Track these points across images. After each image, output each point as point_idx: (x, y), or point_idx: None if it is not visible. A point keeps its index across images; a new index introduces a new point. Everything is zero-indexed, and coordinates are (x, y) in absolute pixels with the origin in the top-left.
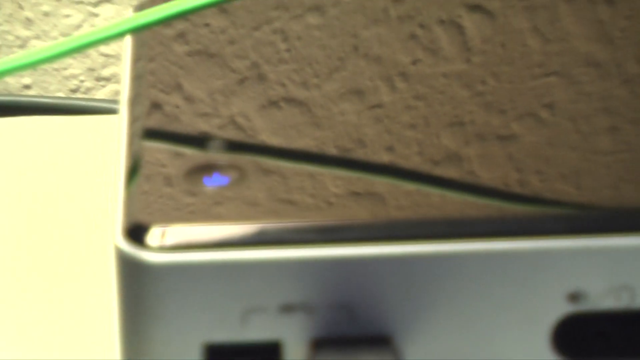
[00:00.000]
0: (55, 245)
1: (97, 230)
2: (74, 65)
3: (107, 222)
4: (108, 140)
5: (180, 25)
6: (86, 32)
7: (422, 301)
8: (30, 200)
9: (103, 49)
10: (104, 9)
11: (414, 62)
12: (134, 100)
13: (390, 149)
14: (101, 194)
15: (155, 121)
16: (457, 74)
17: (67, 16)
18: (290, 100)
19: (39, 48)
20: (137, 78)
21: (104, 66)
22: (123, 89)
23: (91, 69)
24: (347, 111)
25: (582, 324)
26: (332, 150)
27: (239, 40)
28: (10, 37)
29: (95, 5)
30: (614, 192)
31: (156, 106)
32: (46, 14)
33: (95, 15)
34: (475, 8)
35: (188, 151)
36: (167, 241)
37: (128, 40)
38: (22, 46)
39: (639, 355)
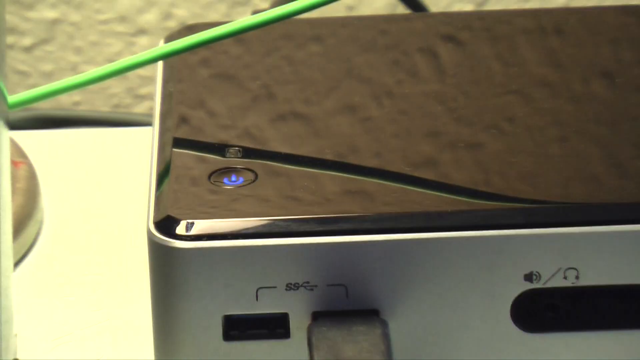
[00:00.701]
0: (100, 235)
1: (135, 222)
2: (116, 85)
3: (142, 216)
4: (143, 147)
5: (204, 53)
6: (125, 58)
7: (403, 280)
8: (82, 196)
9: (140, 71)
10: (140, 39)
11: (398, 83)
12: (165, 115)
13: (378, 154)
14: (138, 191)
15: (183, 132)
16: (433, 93)
17: (110, 45)
18: (295, 115)
19: (87, 72)
20: (168, 96)
21: (140, 86)
22: (156, 105)
23: (130, 88)
24: (342, 123)
25: (536, 299)
26: (329, 156)
27: (252, 65)
28: (64, 63)
29: (133, 35)
30: (562, 190)
31: (183, 120)
32: (93, 44)
33: (133, 44)
34: (448, 39)
35: (210, 157)
36: (192, 231)
37: (160, 65)
38: (73, 70)
39: (583, 324)
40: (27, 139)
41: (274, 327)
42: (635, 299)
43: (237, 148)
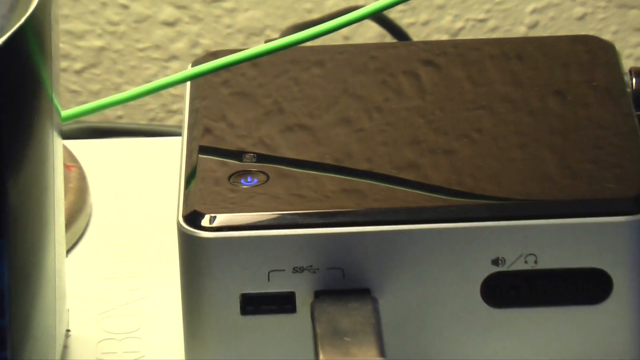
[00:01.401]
0: (138, 226)
1: (167, 216)
2: (152, 102)
3: (173, 211)
4: (174, 154)
5: (224, 74)
6: (160, 80)
7: (391, 264)
8: (123, 194)
9: (171, 90)
10: (172, 64)
11: (385, 100)
12: (192, 126)
13: (369, 159)
14: (169, 190)
15: (207, 141)
16: (415, 108)
17: (147, 68)
18: (300, 126)
19: (128, 91)
20: (194, 111)
21: (172, 102)
22: (184, 119)
23: (163, 104)
24: (339, 134)
25: (501, 280)
26: (329, 161)
27: (265, 85)
28: (108, 83)
29: (166, 61)
30: (522, 189)
31: (207, 130)
32: (133, 67)
33: (166, 67)
34: (428, 63)
35: (230, 161)
36: (215, 224)
37: (188, 85)
38: (116, 89)
39: (540, 301)
40: (78, 146)
41: (282, 303)
42: (583, 280)
43: (252, 154)
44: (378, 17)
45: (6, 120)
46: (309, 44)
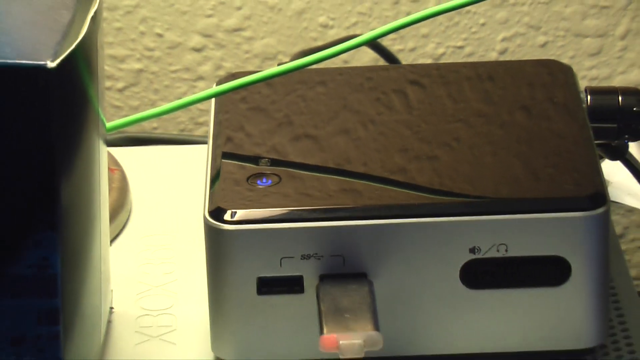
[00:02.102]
0: (171, 220)
1: (195, 211)
2: (182, 115)
3: (200, 207)
4: (201, 159)
5: (243, 92)
6: (189, 97)
7: (384, 252)
8: (158, 193)
9: (198, 105)
10: (199, 83)
11: (378, 114)
12: (216, 136)
13: (364, 164)
14: (196, 189)
15: (228, 148)
16: (403, 121)
17: (178, 87)
18: (307, 136)
19: (161, 106)
20: (218, 123)
21: (199, 116)
22: (210, 130)
23: (192, 117)
24: (340, 142)
25: (477, 266)
26: (331, 165)
27: (277, 101)
28: (146, 100)
29: (194, 81)
30: (495, 189)
31: (229, 139)
32: (166, 86)
33: (195, 86)
34: (414, 83)
35: (248, 165)
36: (235, 218)
37: (213, 101)
38: (152, 105)
39: (510, 283)
40: (120, 153)
41: (292, 285)
42: (546, 266)
43: (266, 159)
44: (372, 44)
45: (58, 131)
46: (314, 66)
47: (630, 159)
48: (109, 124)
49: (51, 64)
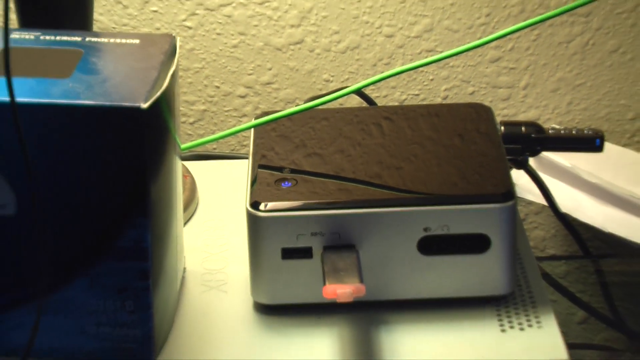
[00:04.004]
0: (225, 209)
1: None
2: (232, 140)
3: (243, 200)
4: (244, 170)
5: (272, 125)
6: (236, 127)
7: (366, 231)
8: (217, 191)
9: (243, 133)
10: (244, 119)
11: (363, 139)
12: (254, 154)
13: (354, 172)
14: (241, 189)
15: (263, 161)
16: (379, 143)
17: (230, 121)
18: (315, 154)
19: (218, 134)
20: (255, 145)
21: (243, 141)
22: (250, 149)
23: (239, 141)
24: (337, 158)
25: (428, 240)
26: (331, 173)
27: (295, 131)
28: (208, 130)
29: (240, 117)
30: (440, 189)
31: (263, 156)
32: (222, 121)
33: (240, 121)
34: (386, 118)
35: (275, 173)
36: (267, 208)
37: (252, 130)
38: (212, 133)
39: (451, 251)
40: (190, 165)
41: (305, 253)
42: (475, 240)
43: (288, 169)
44: (358, 92)
45: (149, 151)
46: (320, 107)
47: (530, 168)
48: (183, 146)
49: (144, 106)
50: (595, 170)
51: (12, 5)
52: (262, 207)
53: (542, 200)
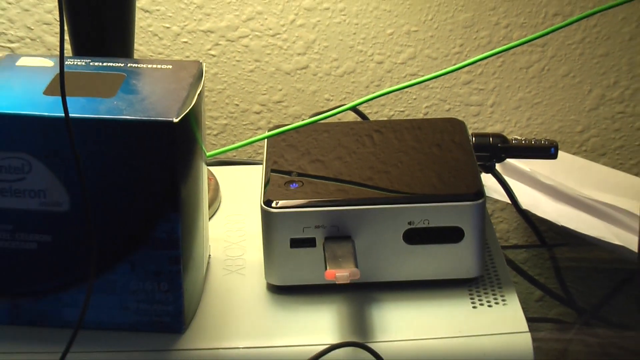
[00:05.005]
0: (244, 206)
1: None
2: (249, 148)
3: (258, 199)
4: (259, 173)
5: (282, 136)
6: (252, 138)
7: (360, 224)
8: (236, 191)
9: (258, 143)
10: (259, 131)
11: (357, 148)
12: (267, 160)
13: (350, 175)
14: (256, 189)
15: (275, 166)
16: (371, 152)
17: (247, 134)
18: (318, 160)
19: (238, 143)
20: (268, 153)
21: (259, 149)
22: (264, 157)
23: (255, 150)
24: (336, 164)
25: (412, 232)
26: (331, 176)
27: (301, 141)
28: (229, 140)
29: (255, 130)
30: (422, 189)
31: (274, 162)
32: (240, 132)
33: (256, 133)
34: (376, 131)
35: (285, 176)
36: (278, 205)
37: (266, 141)
38: (232, 143)
39: (423, 241)
40: (214, 169)
41: (309, 243)
42: (450, 231)
43: (295, 173)
44: (354, 109)
45: (179, 158)
46: (322, 122)
47: (496, 172)
48: (208, 153)
49: (175, 120)
50: (550, 174)
51: (67, 37)
52: (274, 204)
53: (506, 199)
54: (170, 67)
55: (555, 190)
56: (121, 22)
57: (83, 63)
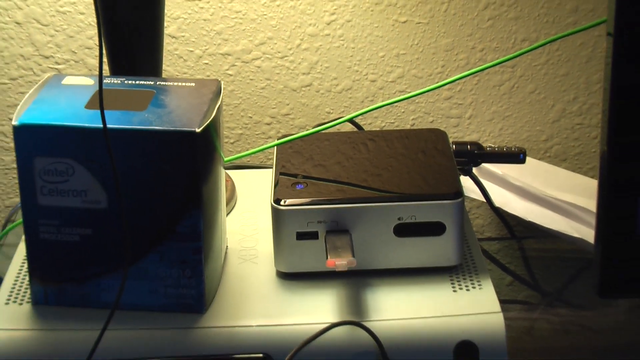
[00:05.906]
0: (257, 203)
1: (267, 200)
2: (261, 155)
3: (268, 198)
4: (269, 176)
5: (290, 144)
6: (264, 146)
7: (356, 219)
8: (249, 191)
9: (268, 150)
10: (269, 140)
11: (354, 154)
12: (276, 165)
13: (347, 177)
14: (267, 190)
15: (283, 170)
16: (366, 157)
17: (259, 142)
18: (320, 165)
19: (252, 149)
20: (277, 159)
21: (270, 155)
22: (274, 162)
23: (266, 155)
24: (336, 168)
25: (402, 226)
26: (331, 179)
27: (306, 148)
28: (244, 147)
29: (266, 139)
30: (411, 190)
31: (283, 166)
32: (254, 141)
33: (267, 141)
34: (370, 139)
35: (291, 178)
36: (286, 204)
37: (275, 148)
38: (246, 150)
39: (413, 234)
40: (231, 172)
41: (313, 236)
42: (434, 225)
43: (300, 175)
44: (351, 121)
45: (200, 163)
46: (324, 132)
47: (473, 175)
48: (225, 159)
49: (197, 130)
50: (519, 177)
51: (105, 59)
52: (282, 202)
53: (481, 198)
54: (193, 84)
55: (524, 190)
56: (151, 47)
57: (119, 81)
